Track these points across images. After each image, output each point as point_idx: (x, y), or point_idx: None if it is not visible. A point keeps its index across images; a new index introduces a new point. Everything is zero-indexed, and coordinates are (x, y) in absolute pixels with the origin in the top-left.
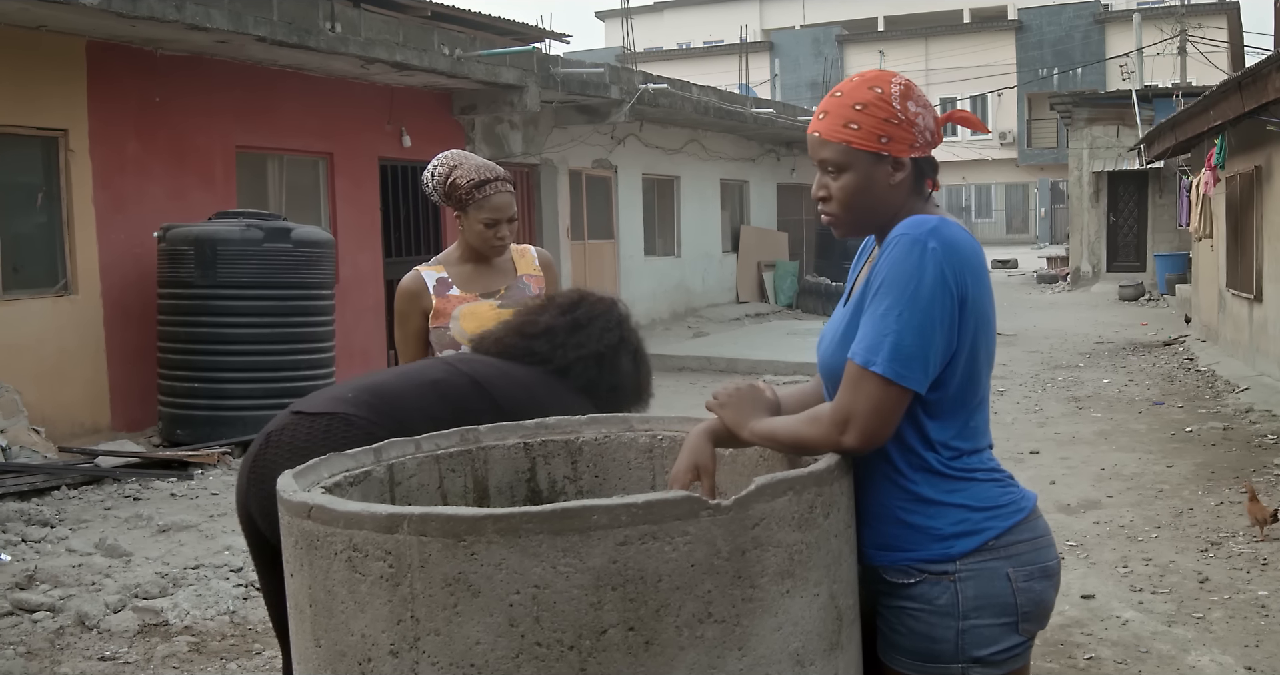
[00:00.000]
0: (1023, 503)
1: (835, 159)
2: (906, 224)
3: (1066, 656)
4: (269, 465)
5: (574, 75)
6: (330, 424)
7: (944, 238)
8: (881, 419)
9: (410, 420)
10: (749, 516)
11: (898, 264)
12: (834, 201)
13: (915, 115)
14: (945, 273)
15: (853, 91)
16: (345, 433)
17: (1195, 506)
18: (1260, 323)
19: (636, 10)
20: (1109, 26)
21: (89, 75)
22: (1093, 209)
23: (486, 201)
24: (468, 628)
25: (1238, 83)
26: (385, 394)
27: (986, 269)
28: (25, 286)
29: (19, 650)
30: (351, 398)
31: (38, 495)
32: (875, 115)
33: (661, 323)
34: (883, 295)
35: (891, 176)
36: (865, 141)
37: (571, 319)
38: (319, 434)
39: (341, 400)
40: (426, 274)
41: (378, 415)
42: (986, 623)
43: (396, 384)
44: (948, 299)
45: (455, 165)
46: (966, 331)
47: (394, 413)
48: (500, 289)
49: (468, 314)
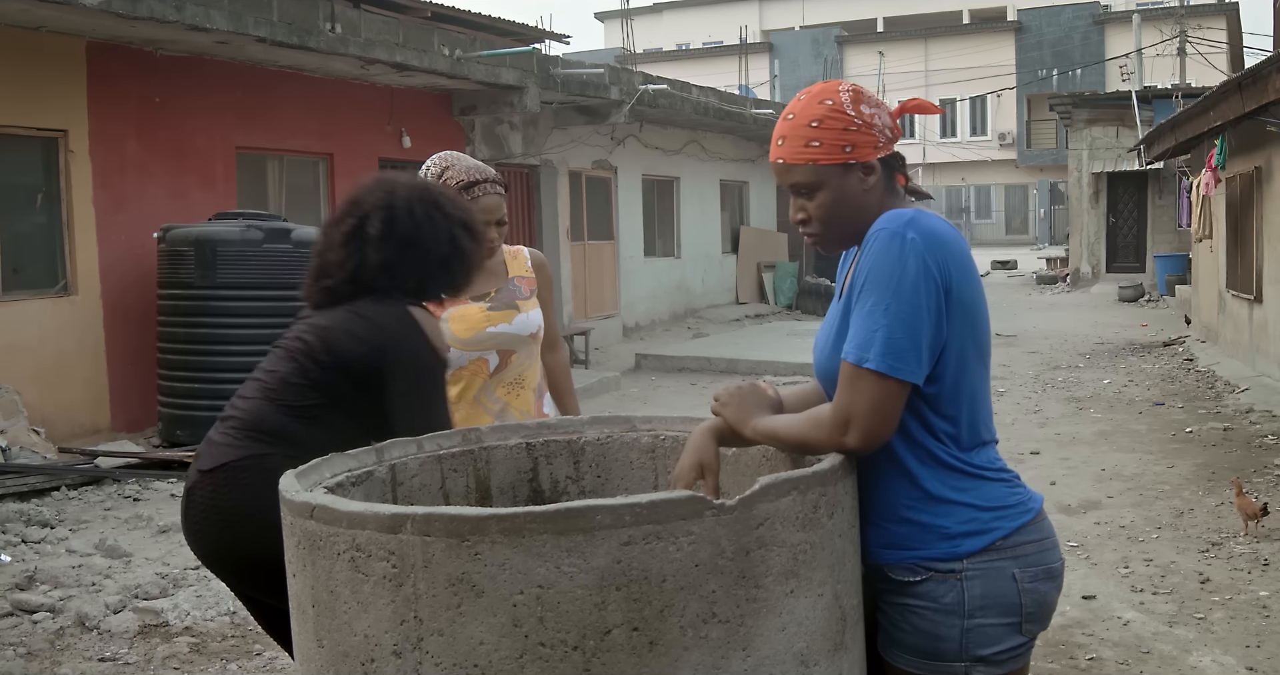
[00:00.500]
0: (1030, 504)
1: (805, 180)
2: (883, 218)
3: (1068, 657)
4: (194, 529)
5: (574, 76)
6: (227, 475)
7: (922, 228)
8: (882, 416)
9: (285, 429)
10: (753, 516)
11: (878, 258)
12: (815, 221)
13: (871, 116)
14: (927, 262)
15: (804, 110)
16: (244, 479)
17: (1196, 507)
18: (1260, 323)
19: (635, 11)
20: (1108, 27)
21: (89, 76)
22: (1092, 210)
23: (476, 203)
24: (471, 628)
25: (1238, 83)
26: (253, 418)
27: (970, 257)
28: (25, 287)
29: (19, 651)
30: (230, 438)
31: (38, 496)
32: (833, 127)
33: (661, 323)
34: (868, 291)
35: (864, 182)
36: (830, 155)
37: (394, 237)
38: (222, 489)
39: (225, 446)
40: None
41: (258, 443)
42: (991, 622)
43: (253, 402)
44: (932, 288)
45: (447, 166)
46: (955, 320)
47: (269, 431)
48: (490, 291)
49: (457, 317)
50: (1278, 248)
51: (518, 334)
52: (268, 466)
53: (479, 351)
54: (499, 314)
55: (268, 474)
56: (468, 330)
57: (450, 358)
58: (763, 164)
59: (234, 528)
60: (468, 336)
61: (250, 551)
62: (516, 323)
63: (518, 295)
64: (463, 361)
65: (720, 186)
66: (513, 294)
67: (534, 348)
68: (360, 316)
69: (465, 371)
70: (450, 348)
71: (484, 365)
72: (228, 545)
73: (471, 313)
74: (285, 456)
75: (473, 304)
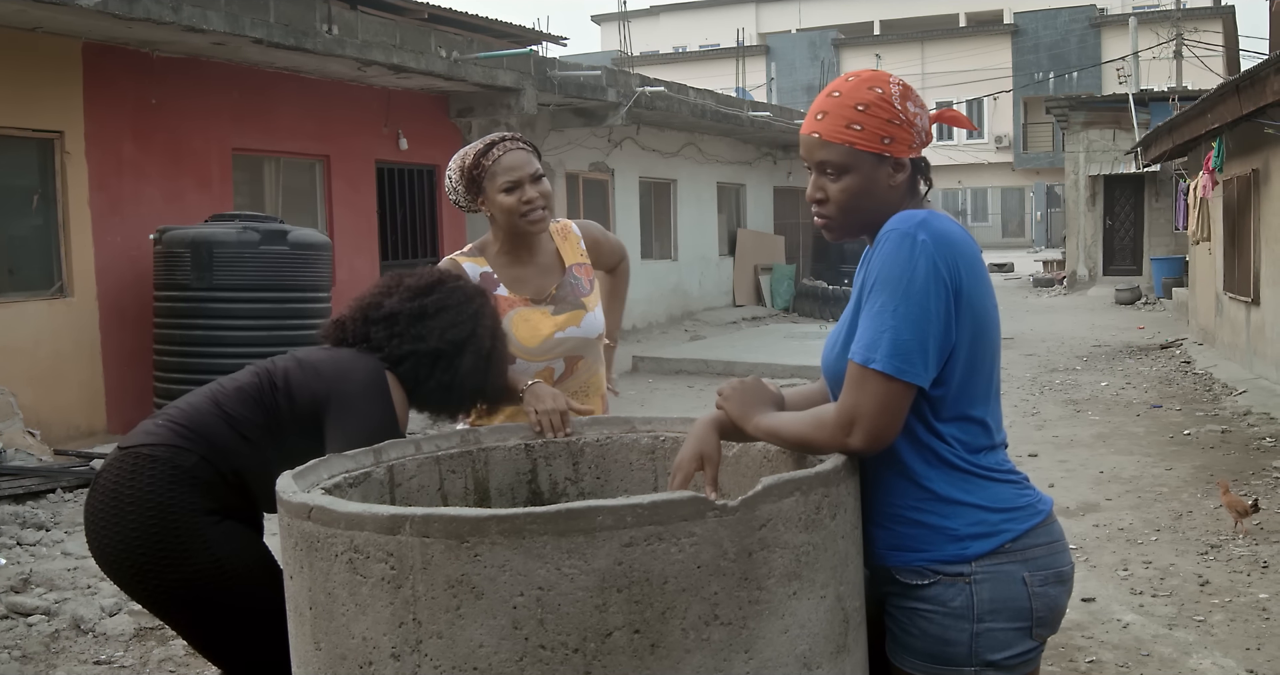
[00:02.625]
0: (1039, 506)
1: (837, 160)
2: (895, 219)
3: (1068, 660)
4: (92, 510)
5: (571, 78)
6: (136, 461)
7: (934, 229)
8: (887, 417)
9: (215, 434)
10: (756, 517)
11: (889, 259)
12: (832, 204)
13: (914, 116)
14: (938, 264)
15: (852, 91)
16: (150, 469)
17: (1194, 509)
18: (1258, 326)
19: (632, 14)
20: (1105, 30)
21: (85, 77)
22: (1089, 212)
23: (498, 165)
24: (471, 630)
25: (1235, 85)
26: (189, 414)
27: (981, 260)
28: (21, 289)
29: (14, 654)
30: (158, 426)
31: (33, 498)
32: (878, 116)
33: (658, 326)
34: (877, 292)
35: (892, 177)
36: (869, 143)
37: (418, 306)
38: (127, 472)
39: (149, 432)
40: (469, 266)
41: (183, 439)
42: (1001, 626)
43: (198, 400)
44: (942, 291)
45: (464, 152)
46: (964, 323)
47: (200, 431)
48: (551, 289)
49: (520, 321)
50: (1275, 250)
51: (586, 338)
52: (181, 463)
53: (546, 360)
54: (566, 317)
55: (178, 471)
56: (534, 337)
57: (515, 370)
58: (760, 167)
59: (127, 517)
60: (535, 344)
61: (139, 552)
62: (585, 324)
63: (581, 291)
64: (528, 374)
65: (717, 189)
66: (575, 290)
67: (599, 349)
68: (333, 359)
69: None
70: (515, 359)
71: (549, 375)
72: (119, 538)
73: (536, 318)
74: (204, 460)
75: (535, 307)
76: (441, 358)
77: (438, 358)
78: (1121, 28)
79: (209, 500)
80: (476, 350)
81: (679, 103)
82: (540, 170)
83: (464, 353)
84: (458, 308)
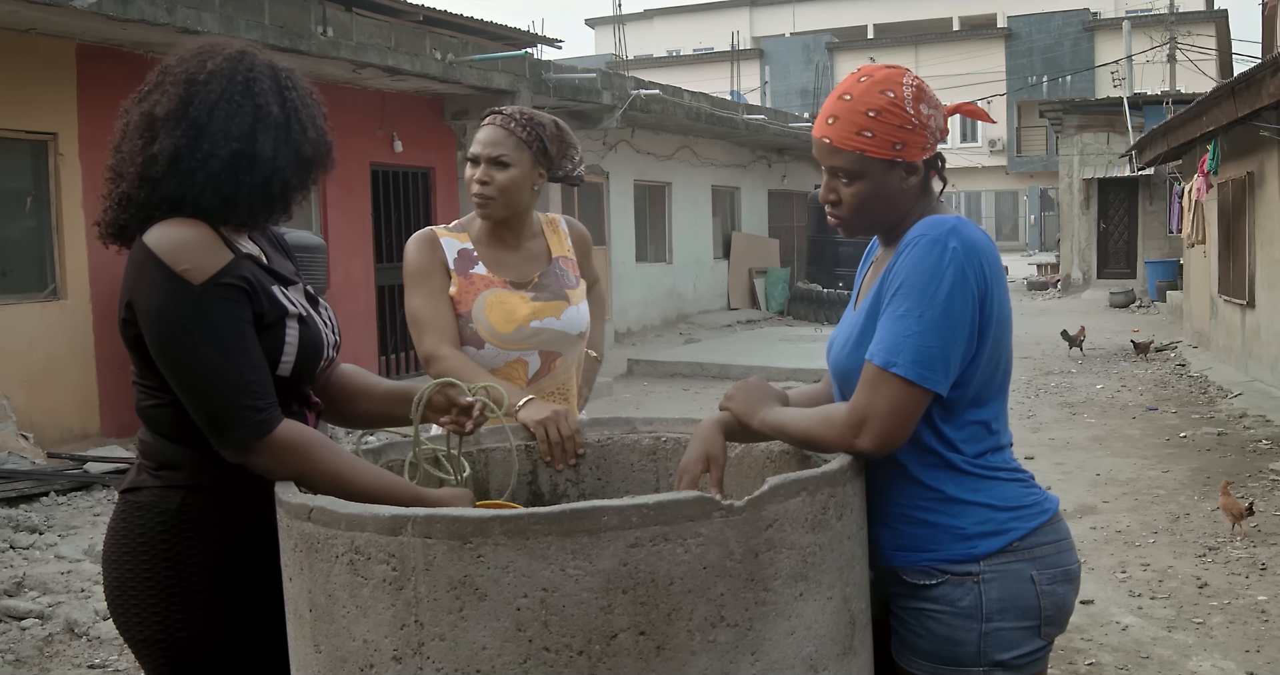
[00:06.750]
0: (1046, 505)
1: (847, 167)
2: (925, 224)
3: (1068, 663)
4: (106, 553)
5: (566, 80)
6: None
7: (964, 237)
8: (901, 421)
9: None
10: (762, 518)
11: (918, 265)
12: (845, 206)
13: (928, 117)
14: (966, 273)
15: (864, 95)
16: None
17: (1192, 512)
18: (1253, 328)
19: (626, 17)
20: (1098, 34)
21: (79, 79)
22: (1083, 216)
23: (475, 135)
24: (474, 632)
25: (1230, 88)
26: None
27: (1001, 267)
28: (14, 291)
29: (8, 658)
30: (139, 452)
31: (26, 501)
32: (890, 122)
33: (653, 329)
34: (903, 296)
35: (905, 181)
36: (880, 150)
37: (189, 125)
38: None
39: (135, 467)
40: (446, 240)
41: (145, 468)
42: (1010, 626)
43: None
44: (968, 299)
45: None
46: (988, 330)
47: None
48: (534, 276)
49: (494, 303)
50: (1270, 253)
51: (566, 332)
52: (143, 501)
53: (519, 351)
54: (546, 306)
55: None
56: (508, 322)
57: (481, 357)
58: (754, 170)
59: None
60: (508, 330)
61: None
62: (566, 318)
63: (566, 283)
64: (497, 363)
65: (712, 192)
66: (560, 280)
67: (579, 351)
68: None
69: (498, 375)
70: (485, 343)
71: (522, 369)
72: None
73: (513, 302)
74: (151, 473)
75: (514, 291)
76: (240, 159)
77: (236, 163)
78: (1114, 31)
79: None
80: (271, 123)
81: (673, 106)
82: (504, 155)
83: (256, 137)
84: (223, 92)
